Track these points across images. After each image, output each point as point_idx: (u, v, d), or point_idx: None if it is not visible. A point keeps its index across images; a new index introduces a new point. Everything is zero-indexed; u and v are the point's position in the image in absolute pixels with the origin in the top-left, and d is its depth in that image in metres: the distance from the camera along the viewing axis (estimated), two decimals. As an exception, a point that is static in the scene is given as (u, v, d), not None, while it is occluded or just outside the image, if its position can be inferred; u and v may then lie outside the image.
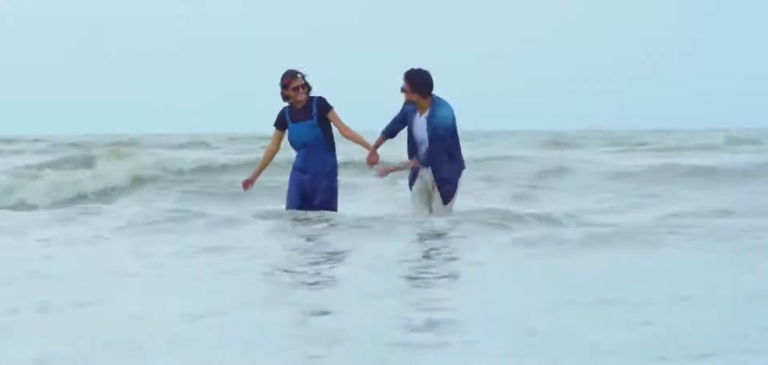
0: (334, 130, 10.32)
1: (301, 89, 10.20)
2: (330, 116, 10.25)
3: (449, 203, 10.14)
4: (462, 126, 10.50)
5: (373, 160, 10.23)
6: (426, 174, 10.18)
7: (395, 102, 10.38)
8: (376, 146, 10.25)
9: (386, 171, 10.43)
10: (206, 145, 42.08)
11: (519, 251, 8.26)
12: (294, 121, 10.27)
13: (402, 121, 10.32)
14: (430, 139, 10.07)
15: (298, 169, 10.31)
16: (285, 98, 10.28)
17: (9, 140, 47.04)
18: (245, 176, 10.93)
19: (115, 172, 20.00)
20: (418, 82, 10.14)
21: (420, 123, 10.17)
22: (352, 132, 10.25)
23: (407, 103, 10.19)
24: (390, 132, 10.43)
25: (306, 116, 10.24)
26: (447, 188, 10.12)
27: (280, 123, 10.39)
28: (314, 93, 10.30)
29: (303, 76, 10.25)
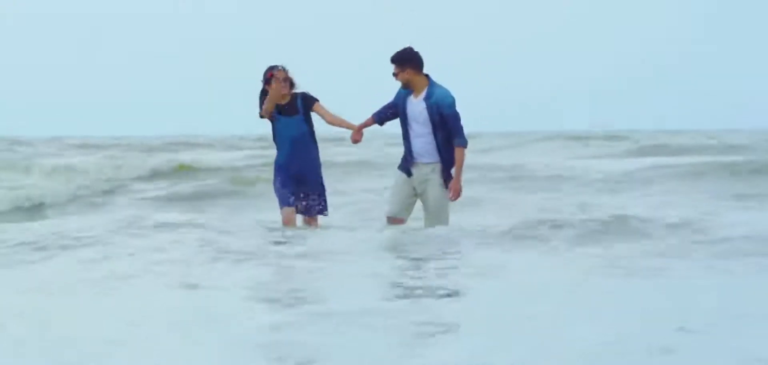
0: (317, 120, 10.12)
1: (284, 82, 10.02)
2: (316, 109, 10.07)
3: (446, 206, 9.51)
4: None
5: (356, 138, 9.88)
6: (424, 169, 9.54)
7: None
8: (364, 125, 9.84)
9: (360, 131, 9.84)
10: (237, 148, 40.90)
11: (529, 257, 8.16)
12: (281, 114, 10.10)
13: (392, 107, 9.69)
14: (435, 120, 9.43)
15: (284, 167, 10.08)
16: (266, 94, 10.03)
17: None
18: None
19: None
20: (406, 58, 9.48)
21: (414, 104, 9.53)
22: (338, 119, 10.03)
23: (403, 86, 9.55)
24: (380, 118, 9.82)
25: (292, 112, 10.10)
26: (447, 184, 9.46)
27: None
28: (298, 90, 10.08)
29: (286, 71, 10.06)
